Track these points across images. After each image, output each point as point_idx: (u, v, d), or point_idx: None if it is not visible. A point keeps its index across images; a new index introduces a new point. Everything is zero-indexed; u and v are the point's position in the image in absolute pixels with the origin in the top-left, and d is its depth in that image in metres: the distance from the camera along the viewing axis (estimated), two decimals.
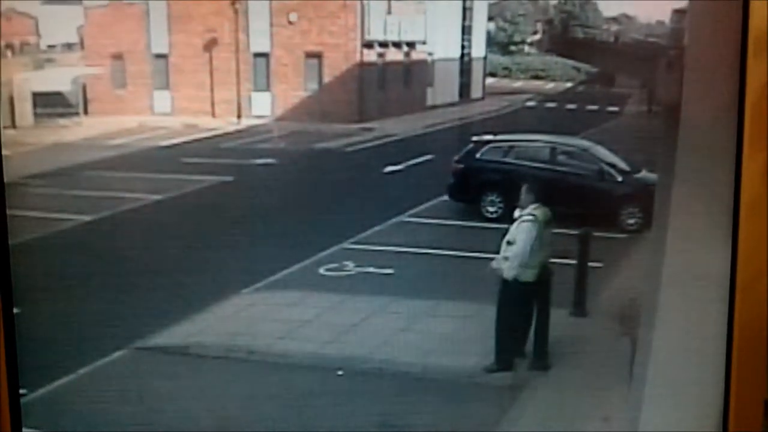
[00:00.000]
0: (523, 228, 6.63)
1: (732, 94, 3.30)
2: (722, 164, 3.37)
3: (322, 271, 7.74)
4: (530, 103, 10.34)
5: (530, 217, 6.63)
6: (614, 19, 9.55)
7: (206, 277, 6.91)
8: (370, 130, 9.63)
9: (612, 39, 9.53)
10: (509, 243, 6.58)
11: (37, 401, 5.34)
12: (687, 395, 3.72)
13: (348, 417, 5.64)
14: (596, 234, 7.45)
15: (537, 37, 10.54)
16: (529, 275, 6.58)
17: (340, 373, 6.45)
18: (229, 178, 8.69)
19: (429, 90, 10.12)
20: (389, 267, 7.71)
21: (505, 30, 10.45)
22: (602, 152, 8.50)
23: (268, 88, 9.41)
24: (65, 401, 5.90)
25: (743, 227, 3.32)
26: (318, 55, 9.33)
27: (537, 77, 10.58)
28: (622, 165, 8.35)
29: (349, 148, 9.41)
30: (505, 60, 10.56)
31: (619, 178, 8.31)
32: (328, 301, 7.47)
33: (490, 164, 8.57)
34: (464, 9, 9.73)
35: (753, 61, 3.20)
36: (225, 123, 9.32)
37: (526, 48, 10.57)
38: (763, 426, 3.39)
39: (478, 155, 8.64)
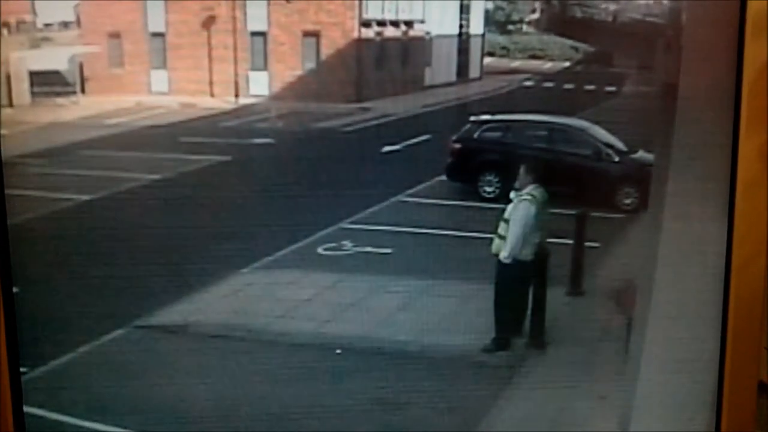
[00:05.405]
0: (521, 207, 6.65)
1: (730, 74, 3.30)
2: (719, 144, 3.38)
3: (320, 250, 7.75)
4: (528, 83, 10.31)
5: (528, 197, 6.65)
6: None
7: (205, 256, 6.92)
8: (367, 109, 9.59)
9: (610, 18, 9.49)
10: (506, 221, 6.61)
11: (37, 379, 5.36)
12: (682, 374, 3.75)
13: (346, 395, 5.69)
14: (593, 214, 7.47)
15: (535, 16, 10.48)
16: (525, 255, 6.61)
17: (338, 351, 6.49)
18: (227, 158, 8.68)
19: (427, 70, 10.08)
20: (387, 246, 7.73)
21: (503, 9, 10.39)
22: (599, 132, 8.48)
23: (265, 68, 9.36)
24: (66, 379, 5.94)
25: (739, 207, 3.33)
26: (315, 34, 9.27)
27: (535, 56, 10.53)
28: (620, 145, 8.35)
29: (347, 128, 9.38)
30: (503, 39, 10.50)
31: (616, 158, 8.31)
32: (327, 280, 7.49)
33: (487, 144, 8.57)
34: None
35: (751, 42, 3.20)
36: (223, 102, 9.28)
37: (524, 27, 10.51)
38: (757, 406, 3.42)
39: (475, 135, 8.63)
